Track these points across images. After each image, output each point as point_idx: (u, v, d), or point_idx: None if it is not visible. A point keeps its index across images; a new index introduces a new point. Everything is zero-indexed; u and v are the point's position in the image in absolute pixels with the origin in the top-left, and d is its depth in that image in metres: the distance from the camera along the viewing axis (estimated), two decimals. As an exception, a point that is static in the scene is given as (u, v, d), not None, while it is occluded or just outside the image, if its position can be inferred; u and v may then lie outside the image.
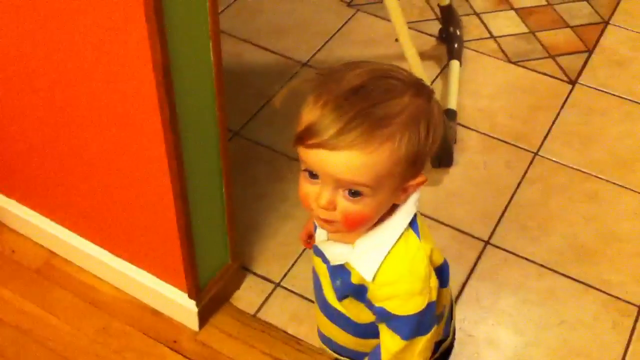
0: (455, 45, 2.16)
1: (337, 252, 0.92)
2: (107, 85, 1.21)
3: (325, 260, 0.95)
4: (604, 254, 1.70)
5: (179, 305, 1.50)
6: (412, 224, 0.89)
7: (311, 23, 2.28)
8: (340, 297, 0.96)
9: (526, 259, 1.68)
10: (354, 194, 0.82)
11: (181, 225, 1.35)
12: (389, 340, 0.93)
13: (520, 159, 1.91)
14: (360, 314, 0.97)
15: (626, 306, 1.60)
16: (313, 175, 0.83)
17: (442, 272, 0.94)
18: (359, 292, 0.92)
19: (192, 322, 1.52)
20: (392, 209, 0.88)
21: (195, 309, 1.49)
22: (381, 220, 0.87)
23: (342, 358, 1.10)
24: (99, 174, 1.40)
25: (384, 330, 0.93)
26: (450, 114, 1.95)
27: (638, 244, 1.72)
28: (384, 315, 0.90)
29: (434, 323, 0.93)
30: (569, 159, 1.91)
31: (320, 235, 0.96)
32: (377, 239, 0.88)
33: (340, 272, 0.93)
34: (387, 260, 0.87)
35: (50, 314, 1.55)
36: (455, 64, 2.11)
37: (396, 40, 1.85)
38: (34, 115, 1.39)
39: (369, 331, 0.97)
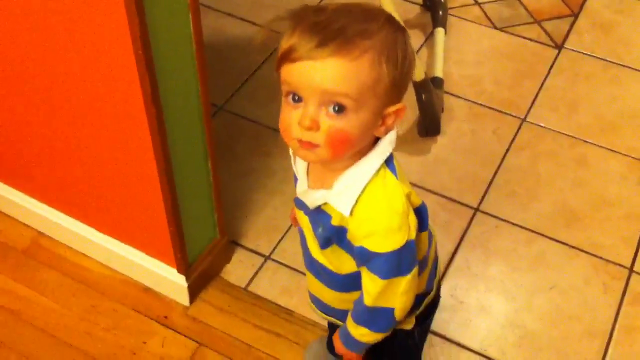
0: (440, 13, 2.14)
1: (316, 196, 0.92)
2: (87, 62, 1.19)
3: (306, 211, 0.95)
4: (594, 218, 1.70)
5: (168, 281, 1.50)
6: (389, 164, 0.90)
7: (293, -6, 2.25)
8: (323, 244, 0.96)
9: (516, 225, 1.68)
10: (338, 109, 0.82)
11: (167, 201, 1.33)
12: (369, 283, 0.93)
13: (508, 125, 1.90)
14: (341, 264, 0.97)
15: (617, 269, 1.61)
16: (296, 99, 0.84)
17: (420, 215, 0.94)
18: (340, 235, 0.92)
19: (183, 298, 1.51)
20: (368, 147, 0.89)
21: (185, 284, 1.48)
22: (357, 158, 0.88)
23: (329, 318, 1.11)
24: (83, 152, 1.38)
25: (364, 274, 0.94)
26: (437, 82, 1.94)
27: (627, 207, 1.72)
28: (364, 255, 0.90)
29: (415, 264, 0.93)
30: (557, 124, 1.90)
31: (301, 186, 0.96)
32: (353, 176, 0.88)
33: (320, 218, 0.93)
34: (365, 195, 0.88)
35: (39, 294, 1.54)
36: (440, 31, 2.09)
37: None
38: (15, 95, 1.37)
39: (351, 283, 0.98)
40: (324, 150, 0.85)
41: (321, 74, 0.81)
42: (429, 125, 1.85)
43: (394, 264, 0.90)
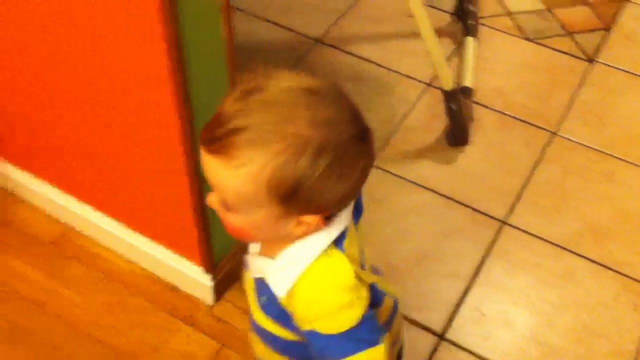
0: (471, 22, 2.13)
1: (259, 264, 0.86)
2: (120, 62, 1.19)
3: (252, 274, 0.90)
4: (622, 235, 1.68)
5: (194, 279, 1.50)
6: (338, 243, 0.82)
7: (323, -1, 2.25)
8: (268, 313, 0.88)
9: (543, 239, 1.67)
10: (223, 204, 0.77)
11: (195, 199, 1.33)
12: None
13: (538, 138, 1.89)
14: (291, 332, 0.88)
15: (644, 288, 1.59)
16: None
17: (374, 292, 0.86)
18: (286, 317, 0.84)
19: (208, 297, 1.51)
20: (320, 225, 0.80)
21: (211, 284, 1.48)
22: (304, 235, 0.80)
23: None
24: (114, 147, 1.39)
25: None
26: (466, 92, 1.93)
27: (655, 226, 1.71)
28: (317, 340, 0.81)
29: (382, 331, 0.83)
30: (586, 139, 1.89)
31: (253, 247, 0.89)
32: (295, 254, 0.80)
33: (265, 288, 0.85)
34: (307, 275, 0.80)
35: (65, 287, 1.55)
36: (470, 40, 2.08)
37: (410, 16, 1.82)
38: (48, 87, 1.38)
39: (301, 348, 0.88)
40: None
41: (206, 167, 0.76)
42: (457, 135, 1.84)
43: (353, 342, 0.80)
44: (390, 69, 2.06)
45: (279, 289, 0.81)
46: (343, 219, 0.82)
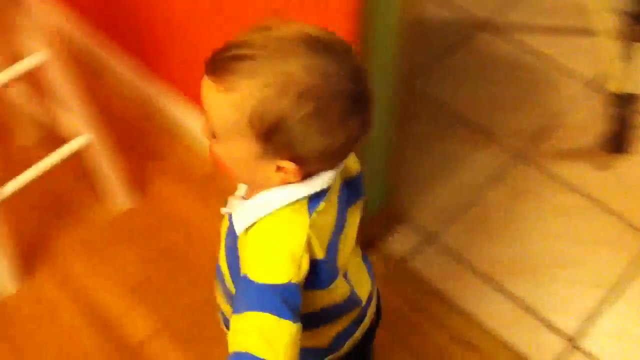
0: (646, 28, 2.01)
1: (234, 204, 0.86)
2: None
3: (230, 215, 0.88)
4: None
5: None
6: (313, 202, 0.81)
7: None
8: (228, 254, 0.88)
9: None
10: (210, 132, 0.79)
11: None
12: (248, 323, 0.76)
13: None
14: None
15: None
16: None
17: (319, 271, 0.83)
18: (236, 258, 0.82)
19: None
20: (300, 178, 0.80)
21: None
22: (281, 184, 0.80)
23: None
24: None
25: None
26: (634, 99, 1.83)
27: None
28: (244, 285, 0.78)
29: (294, 311, 0.77)
30: None
31: (241, 189, 0.89)
32: (266, 199, 0.81)
33: (233, 230, 0.85)
34: (266, 220, 0.80)
35: (213, 220, 1.59)
36: (644, 47, 1.97)
37: (583, 11, 1.75)
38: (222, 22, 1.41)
39: None
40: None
41: (202, 91, 0.77)
42: (618, 141, 1.76)
43: (268, 298, 0.76)
44: (555, 63, 1.98)
45: (239, 226, 0.82)
46: (324, 182, 0.81)
